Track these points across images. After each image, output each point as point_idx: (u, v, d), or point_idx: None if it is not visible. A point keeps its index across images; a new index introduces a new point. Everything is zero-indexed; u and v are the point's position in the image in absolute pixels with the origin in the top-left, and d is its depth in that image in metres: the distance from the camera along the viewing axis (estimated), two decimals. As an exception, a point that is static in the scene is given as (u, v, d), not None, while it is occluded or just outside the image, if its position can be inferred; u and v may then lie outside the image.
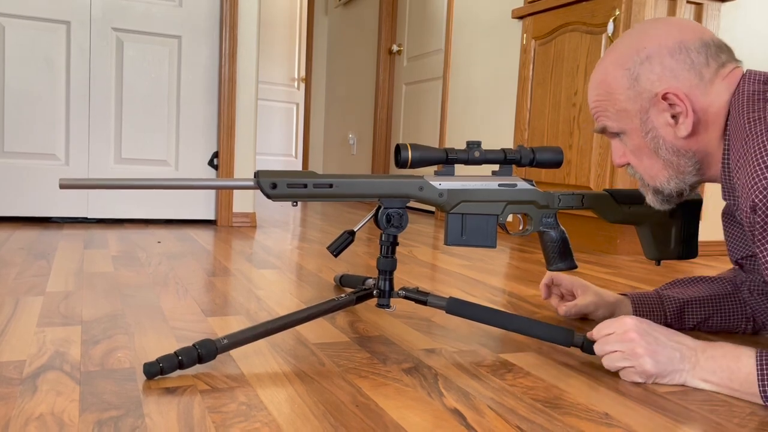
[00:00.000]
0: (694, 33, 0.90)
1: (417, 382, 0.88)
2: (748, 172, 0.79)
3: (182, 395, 0.79)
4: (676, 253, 1.14)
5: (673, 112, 0.90)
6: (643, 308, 1.17)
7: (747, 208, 0.79)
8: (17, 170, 2.42)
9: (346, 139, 4.92)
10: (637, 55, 0.91)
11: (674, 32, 0.90)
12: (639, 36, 0.93)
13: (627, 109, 0.94)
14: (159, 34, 2.58)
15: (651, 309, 1.17)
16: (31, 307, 1.20)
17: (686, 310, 1.17)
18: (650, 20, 0.97)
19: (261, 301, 1.34)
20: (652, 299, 1.18)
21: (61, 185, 0.84)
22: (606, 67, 0.95)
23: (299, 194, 0.93)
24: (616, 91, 0.94)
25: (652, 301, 1.18)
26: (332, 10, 5.27)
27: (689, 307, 1.17)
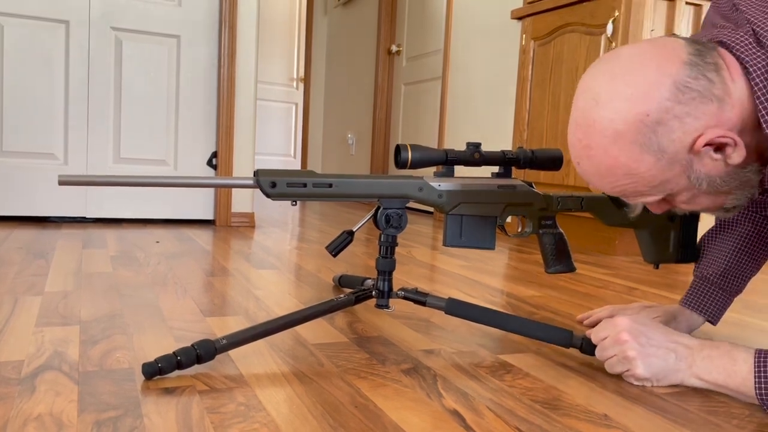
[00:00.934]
0: (671, 60, 0.76)
1: (416, 383, 0.88)
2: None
3: (181, 395, 0.79)
4: (675, 257, 1.14)
5: (717, 146, 0.78)
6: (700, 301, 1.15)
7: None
8: (16, 169, 2.42)
9: (345, 139, 4.92)
10: (644, 125, 0.76)
11: (655, 76, 0.76)
12: (622, 101, 0.77)
13: (667, 178, 0.80)
14: (158, 34, 2.58)
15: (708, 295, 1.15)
16: (29, 306, 1.20)
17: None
18: (606, 70, 0.80)
19: (260, 301, 1.33)
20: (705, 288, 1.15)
21: (60, 181, 0.84)
22: (606, 150, 0.79)
23: (298, 193, 0.93)
24: (643, 170, 0.79)
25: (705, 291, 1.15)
26: (331, 10, 5.27)
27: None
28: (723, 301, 1.13)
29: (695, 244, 1.16)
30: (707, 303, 1.13)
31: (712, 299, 1.13)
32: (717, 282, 1.12)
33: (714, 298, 1.13)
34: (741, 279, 1.12)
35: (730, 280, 1.11)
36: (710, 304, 1.13)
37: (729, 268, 1.11)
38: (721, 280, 1.12)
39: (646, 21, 2.15)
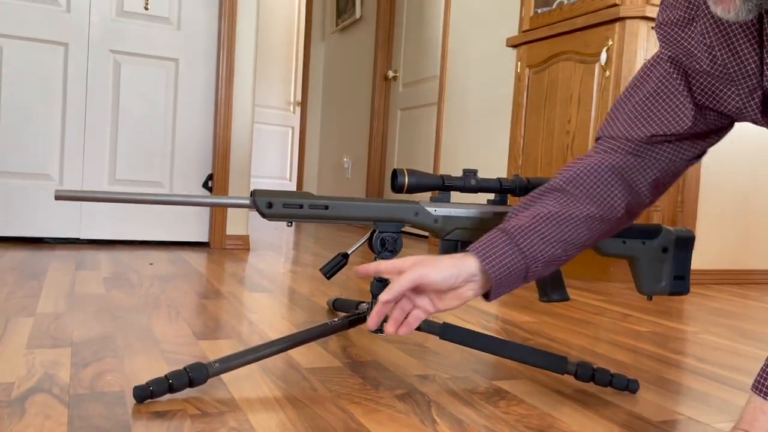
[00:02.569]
0: None
1: (410, 409, 0.87)
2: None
3: (172, 419, 0.78)
4: (669, 289, 1.13)
5: None
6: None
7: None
8: (11, 190, 2.42)
9: (341, 163, 4.94)
10: None
11: None
12: None
13: None
14: (157, 57, 2.60)
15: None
16: (21, 328, 1.19)
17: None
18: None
19: (253, 325, 1.33)
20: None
21: (56, 196, 0.84)
22: None
23: (295, 214, 0.93)
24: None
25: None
26: (329, 35, 5.32)
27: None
28: (512, 257, 0.81)
29: (688, 277, 1.16)
30: (492, 251, 0.82)
31: (500, 249, 0.82)
32: (511, 232, 0.83)
33: (502, 249, 0.82)
34: (542, 244, 0.83)
35: (527, 237, 0.83)
36: (496, 253, 0.81)
37: (530, 226, 0.84)
38: (516, 233, 0.83)
39: (640, 50, 2.18)
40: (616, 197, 0.85)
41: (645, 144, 0.85)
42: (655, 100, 0.84)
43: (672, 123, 0.82)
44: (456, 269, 0.79)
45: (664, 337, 1.44)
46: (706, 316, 1.76)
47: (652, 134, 0.83)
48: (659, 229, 1.08)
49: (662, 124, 0.83)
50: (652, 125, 0.83)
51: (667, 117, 0.82)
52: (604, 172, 0.85)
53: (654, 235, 1.09)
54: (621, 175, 0.85)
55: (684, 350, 1.33)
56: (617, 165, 0.85)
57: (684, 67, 0.79)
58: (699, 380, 1.11)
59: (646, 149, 0.85)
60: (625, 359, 1.22)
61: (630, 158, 0.85)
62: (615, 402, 0.95)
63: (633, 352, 1.28)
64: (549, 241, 0.82)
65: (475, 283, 0.80)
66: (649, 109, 0.84)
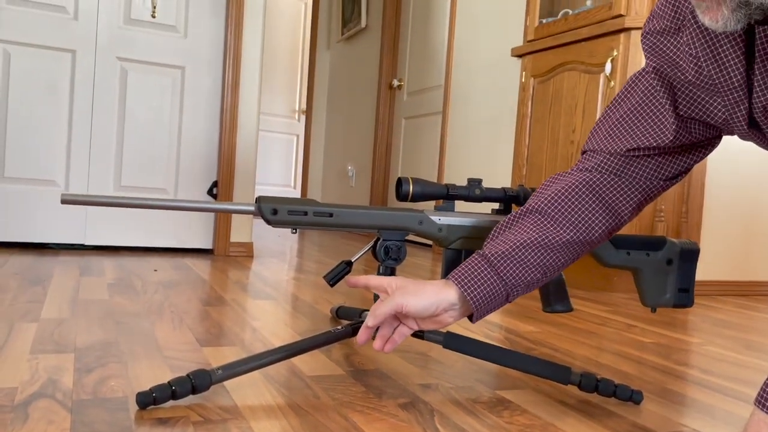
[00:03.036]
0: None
1: (413, 418, 0.87)
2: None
3: (174, 426, 0.78)
4: (673, 301, 1.13)
5: None
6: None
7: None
8: (17, 195, 2.43)
9: (345, 171, 4.95)
10: None
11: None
12: None
13: None
14: (163, 65, 2.61)
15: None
16: (24, 333, 1.19)
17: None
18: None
19: (256, 332, 1.33)
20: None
21: (62, 200, 0.84)
22: None
23: (299, 221, 0.93)
24: None
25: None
26: (334, 44, 5.35)
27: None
28: (492, 285, 0.83)
29: (693, 289, 1.15)
30: (473, 279, 0.83)
31: (480, 277, 0.83)
32: (491, 260, 0.84)
33: (483, 278, 0.83)
34: (522, 271, 0.83)
35: (507, 265, 0.83)
36: (476, 281, 0.83)
37: (511, 253, 0.84)
38: (497, 260, 0.83)
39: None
40: (596, 221, 0.85)
41: (626, 158, 0.84)
42: (638, 113, 0.84)
43: (653, 136, 0.82)
44: (436, 299, 0.82)
45: (668, 348, 1.43)
46: (711, 327, 1.75)
47: (633, 147, 0.83)
48: (664, 241, 1.08)
49: (643, 137, 0.83)
50: (633, 138, 0.84)
51: (648, 130, 0.82)
52: (584, 194, 0.85)
53: (658, 247, 1.08)
54: (601, 197, 0.85)
55: (688, 361, 1.33)
56: (598, 186, 0.85)
57: (669, 79, 0.79)
58: (704, 392, 1.11)
59: (626, 164, 0.85)
60: (630, 370, 1.22)
61: (611, 177, 0.85)
62: (619, 413, 0.95)
63: (637, 363, 1.27)
64: (529, 267, 0.84)
65: (455, 311, 0.83)
66: (631, 122, 0.84)
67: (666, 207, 2.33)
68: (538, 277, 0.84)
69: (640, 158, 0.84)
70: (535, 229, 0.85)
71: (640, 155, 0.84)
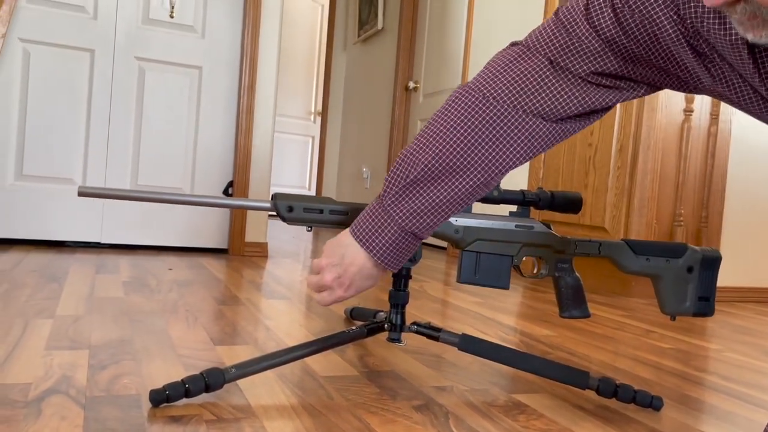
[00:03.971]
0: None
1: (427, 420, 0.86)
2: None
3: (187, 424, 0.78)
4: (693, 310, 1.10)
5: None
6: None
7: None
8: (34, 193, 2.45)
9: (360, 173, 4.94)
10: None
11: None
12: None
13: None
14: (181, 65, 2.62)
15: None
16: (40, 329, 1.19)
17: None
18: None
19: (270, 331, 1.32)
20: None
21: (79, 193, 0.85)
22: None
23: (314, 219, 0.92)
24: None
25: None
26: (351, 46, 5.35)
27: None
28: (391, 235, 0.81)
29: (713, 298, 1.13)
30: (366, 230, 0.83)
31: (374, 227, 0.82)
32: (385, 203, 0.81)
33: (377, 226, 0.82)
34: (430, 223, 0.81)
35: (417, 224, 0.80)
36: (371, 232, 0.82)
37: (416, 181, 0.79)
38: (392, 200, 0.81)
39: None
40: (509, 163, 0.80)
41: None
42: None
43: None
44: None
45: (687, 354, 1.41)
46: (730, 333, 1.72)
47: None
48: (684, 248, 1.06)
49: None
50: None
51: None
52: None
53: (679, 254, 1.06)
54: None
55: (708, 368, 1.30)
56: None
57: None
58: (724, 399, 1.08)
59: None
60: (647, 375, 1.19)
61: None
62: (637, 419, 0.93)
63: (655, 369, 1.25)
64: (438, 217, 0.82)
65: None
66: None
67: (685, 211, 2.30)
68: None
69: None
70: (445, 190, 0.82)
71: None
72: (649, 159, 2.21)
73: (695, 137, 2.31)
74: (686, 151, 2.28)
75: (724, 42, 0.64)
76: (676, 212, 2.28)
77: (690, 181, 2.31)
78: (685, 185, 2.30)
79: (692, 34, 0.67)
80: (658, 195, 2.25)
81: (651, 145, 2.21)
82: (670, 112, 2.25)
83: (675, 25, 0.67)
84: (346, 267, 0.84)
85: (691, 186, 2.31)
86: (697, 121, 2.30)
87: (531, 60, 0.77)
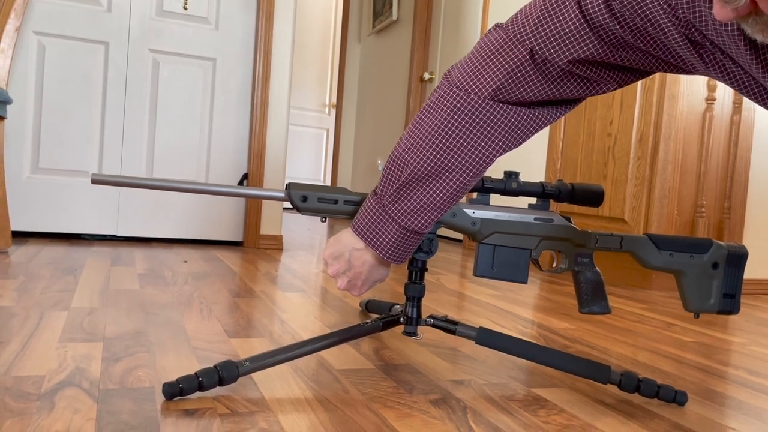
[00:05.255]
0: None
1: (445, 415, 0.84)
2: None
3: (201, 418, 0.77)
4: (717, 307, 1.07)
5: None
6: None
7: None
8: (50, 186, 2.45)
9: (375, 165, 4.92)
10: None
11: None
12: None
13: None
14: (194, 57, 2.62)
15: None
16: (55, 321, 1.19)
17: None
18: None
19: (285, 324, 1.31)
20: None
21: (93, 180, 0.84)
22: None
23: (329, 210, 0.91)
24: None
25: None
26: (365, 37, 5.32)
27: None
28: (393, 232, 0.85)
29: (739, 295, 1.09)
30: (368, 228, 0.86)
31: (376, 225, 0.86)
32: (384, 202, 0.84)
33: (378, 224, 0.85)
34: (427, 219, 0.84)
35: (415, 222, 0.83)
36: (374, 231, 0.86)
37: (411, 179, 0.82)
38: (389, 200, 0.84)
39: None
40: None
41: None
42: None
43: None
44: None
45: (710, 348, 1.38)
46: (755, 327, 1.68)
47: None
48: (710, 243, 1.03)
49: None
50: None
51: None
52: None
53: (704, 250, 1.03)
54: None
55: (732, 362, 1.27)
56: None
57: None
58: (751, 394, 1.05)
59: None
60: (669, 369, 1.17)
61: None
62: (660, 413, 0.91)
63: (677, 363, 1.22)
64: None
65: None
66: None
67: (707, 202, 2.26)
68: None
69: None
70: (444, 188, 0.86)
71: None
72: (670, 149, 2.17)
73: (717, 126, 2.26)
74: (708, 140, 2.23)
75: (720, 32, 0.63)
76: (698, 203, 2.23)
77: (712, 171, 2.26)
78: (707, 175, 2.25)
79: (684, 23, 0.65)
80: (679, 186, 2.20)
81: (672, 134, 2.17)
82: (692, 101, 2.21)
83: (666, 15, 0.66)
84: (356, 271, 0.89)
85: (713, 176, 2.26)
86: (720, 110, 2.25)
87: (512, 52, 0.78)
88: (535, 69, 0.77)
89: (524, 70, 0.78)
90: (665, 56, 0.71)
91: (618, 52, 0.74)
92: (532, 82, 0.78)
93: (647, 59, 0.74)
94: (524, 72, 0.78)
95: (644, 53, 0.73)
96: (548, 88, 0.79)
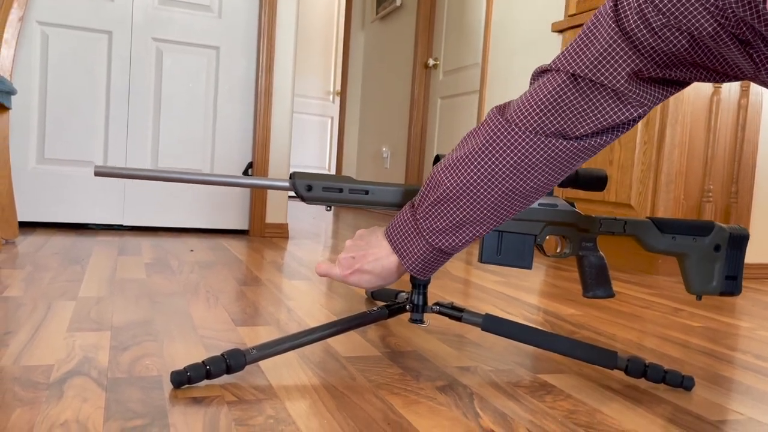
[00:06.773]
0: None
1: (451, 401, 0.84)
2: None
3: (209, 406, 0.77)
4: (720, 289, 1.07)
5: None
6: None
7: None
8: (56, 176, 2.46)
9: (379, 153, 4.91)
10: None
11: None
12: None
13: None
14: (198, 45, 2.61)
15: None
16: (62, 311, 1.20)
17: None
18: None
19: (291, 312, 1.31)
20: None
21: (96, 172, 0.83)
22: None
23: (334, 198, 0.91)
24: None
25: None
26: (369, 24, 5.29)
27: None
28: (421, 248, 0.82)
29: (741, 277, 1.09)
30: (400, 236, 0.84)
31: (407, 236, 0.83)
32: (417, 216, 0.82)
33: (409, 236, 0.83)
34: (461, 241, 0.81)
35: (432, 218, 0.80)
36: (404, 241, 0.84)
37: (444, 198, 0.79)
38: (422, 215, 0.81)
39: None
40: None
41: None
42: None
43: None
44: (384, 281, 0.87)
45: (717, 333, 1.37)
46: (762, 311, 1.68)
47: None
48: (711, 226, 1.02)
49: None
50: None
51: None
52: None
53: (706, 232, 1.03)
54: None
55: (740, 347, 1.27)
56: None
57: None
58: (758, 378, 1.05)
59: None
60: (676, 354, 1.17)
61: None
62: (667, 398, 0.91)
63: (684, 347, 1.22)
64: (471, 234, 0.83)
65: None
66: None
67: (714, 187, 2.25)
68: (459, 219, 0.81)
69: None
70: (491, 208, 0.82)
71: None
72: (676, 133, 2.15)
73: (725, 110, 2.24)
74: (715, 124, 2.22)
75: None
76: (705, 188, 2.22)
77: (719, 155, 2.25)
78: (714, 160, 2.24)
79: (734, 23, 0.63)
80: (686, 170, 2.19)
81: (679, 118, 2.15)
82: (699, 85, 2.19)
83: (713, 17, 0.63)
84: (365, 252, 0.86)
85: (720, 161, 2.25)
86: (727, 94, 2.23)
87: (553, 80, 0.74)
88: (577, 89, 0.73)
89: (564, 93, 0.73)
90: (710, 63, 0.68)
91: (660, 69, 0.70)
92: (574, 104, 0.73)
93: (688, 71, 0.71)
94: (564, 95, 0.74)
95: (686, 64, 0.70)
96: (591, 110, 0.74)
